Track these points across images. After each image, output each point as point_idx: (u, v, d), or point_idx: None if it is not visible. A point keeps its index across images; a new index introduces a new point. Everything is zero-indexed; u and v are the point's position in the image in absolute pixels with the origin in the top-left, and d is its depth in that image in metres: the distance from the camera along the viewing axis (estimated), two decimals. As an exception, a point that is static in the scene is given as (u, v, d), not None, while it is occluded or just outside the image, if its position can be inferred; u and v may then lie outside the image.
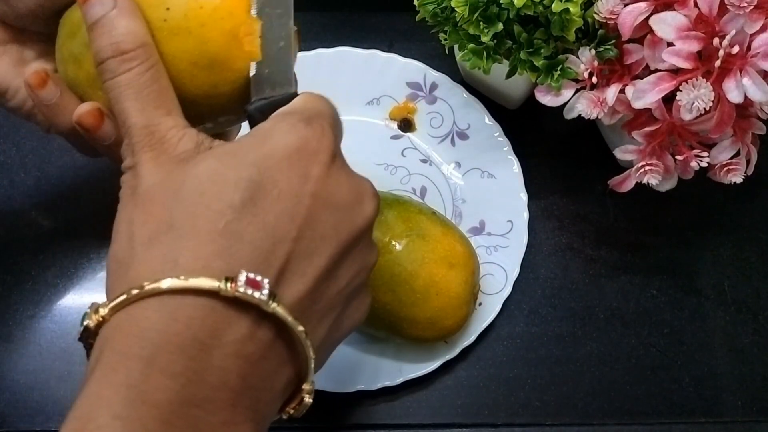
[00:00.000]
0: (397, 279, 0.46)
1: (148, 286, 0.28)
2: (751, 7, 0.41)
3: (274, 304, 0.29)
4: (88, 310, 0.29)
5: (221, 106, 0.36)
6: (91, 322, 0.29)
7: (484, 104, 0.57)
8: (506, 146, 0.56)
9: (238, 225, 0.29)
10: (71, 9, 0.38)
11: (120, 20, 0.33)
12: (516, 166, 0.56)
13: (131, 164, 0.32)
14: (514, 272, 0.53)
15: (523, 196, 0.55)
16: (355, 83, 0.58)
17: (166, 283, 0.28)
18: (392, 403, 0.50)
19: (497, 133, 0.57)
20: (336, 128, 0.34)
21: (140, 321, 0.28)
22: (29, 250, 0.54)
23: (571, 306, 0.54)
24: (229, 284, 0.28)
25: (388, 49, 0.59)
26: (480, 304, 0.51)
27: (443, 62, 0.58)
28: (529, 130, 0.58)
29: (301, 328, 0.30)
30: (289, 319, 0.29)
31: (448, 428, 0.50)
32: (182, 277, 0.28)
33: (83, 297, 0.53)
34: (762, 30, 0.41)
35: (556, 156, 0.58)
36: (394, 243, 0.46)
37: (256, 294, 0.28)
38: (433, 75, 0.58)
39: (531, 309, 0.54)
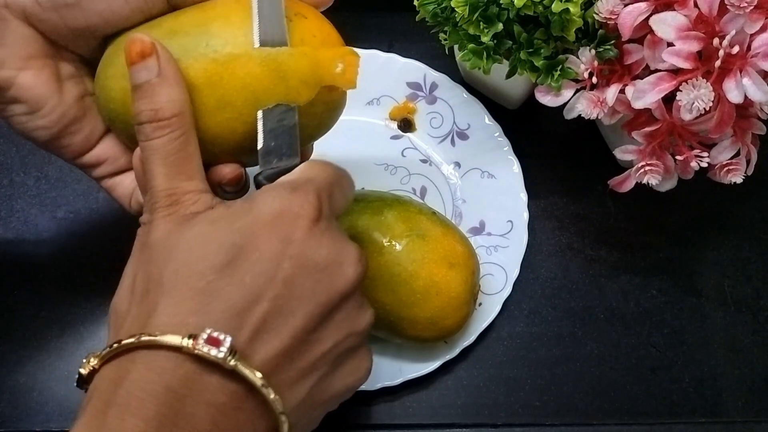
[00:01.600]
0: (397, 279, 0.46)
1: (126, 341, 0.31)
2: (751, 7, 0.41)
3: (234, 362, 0.31)
4: (84, 360, 0.33)
5: (310, 126, 0.40)
6: (84, 371, 0.32)
7: (484, 104, 0.57)
8: (506, 146, 0.56)
9: (216, 285, 0.32)
10: (146, 27, 0.39)
11: (162, 88, 0.35)
12: (516, 166, 0.56)
13: (147, 220, 0.35)
14: (514, 272, 0.53)
15: (523, 196, 0.55)
16: (355, 83, 0.58)
17: (142, 338, 0.31)
18: (392, 403, 0.50)
19: (497, 133, 0.57)
20: (329, 192, 0.36)
21: (121, 372, 0.31)
22: (29, 249, 0.54)
23: (571, 306, 0.54)
24: (190, 341, 0.31)
25: (388, 49, 0.59)
26: (480, 304, 0.51)
27: (443, 62, 0.58)
28: (529, 130, 0.58)
29: (261, 382, 0.32)
30: (249, 375, 0.31)
31: (448, 428, 0.50)
32: (156, 333, 0.31)
33: (84, 297, 0.53)
34: (762, 30, 0.41)
35: (556, 156, 0.58)
36: (394, 243, 0.46)
37: (213, 351, 0.31)
38: (433, 75, 0.58)
39: (531, 309, 0.54)
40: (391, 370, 0.50)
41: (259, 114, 0.38)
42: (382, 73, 0.58)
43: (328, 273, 0.34)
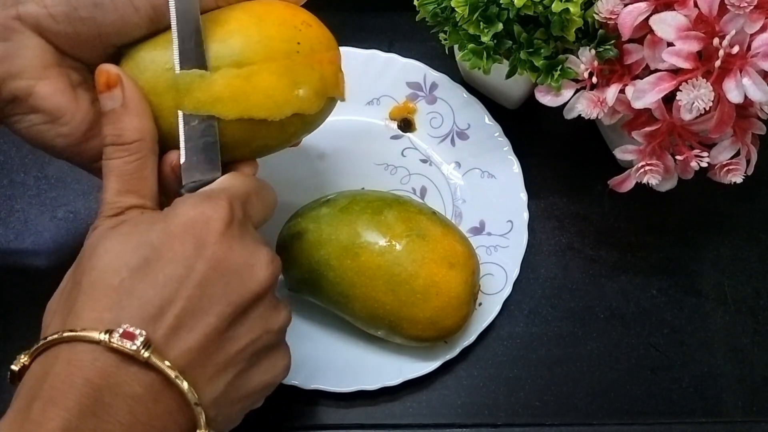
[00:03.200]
0: (397, 279, 0.46)
1: (50, 337, 0.33)
2: (751, 7, 0.41)
3: (147, 354, 0.33)
4: (17, 357, 0.34)
5: (311, 124, 0.43)
6: (15, 368, 0.34)
7: (484, 104, 0.57)
8: (506, 146, 0.56)
9: (131, 283, 0.34)
10: (164, 39, 0.40)
11: (125, 116, 0.38)
12: (516, 166, 0.56)
13: (91, 230, 0.38)
14: (514, 272, 0.53)
15: (523, 196, 0.55)
16: (355, 83, 0.57)
17: (63, 334, 0.33)
18: (392, 403, 0.50)
19: (497, 133, 0.57)
20: (243, 199, 0.38)
21: (46, 367, 0.33)
22: (29, 249, 0.54)
23: (571, 306, 0.54)
24: (107, 336, 0.32)
25: (388, 49, 0.59)
26: (480, 304, 0.51)
27: (443, 62, 0.58)
28: (529, 130, 0.58)
29: (174, 373, 0.33)
30: (163, 366, 0.33)
31: (448, 428, 0.50)
32: (77, 329, 0.33)
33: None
34: (762, 30, 0.41)
35: (556, 156, 0.58)
36: (394, 243, 0.46)
37: (128, 344, 0.32)
38: (433, 75, 0.58)
39: (531, 309, 0.54)
40: (391, 370, 0.50)
41: (180, 123, 0.39)
42: (382, 73, 0.58)
43: (240, 275, 0.36)
